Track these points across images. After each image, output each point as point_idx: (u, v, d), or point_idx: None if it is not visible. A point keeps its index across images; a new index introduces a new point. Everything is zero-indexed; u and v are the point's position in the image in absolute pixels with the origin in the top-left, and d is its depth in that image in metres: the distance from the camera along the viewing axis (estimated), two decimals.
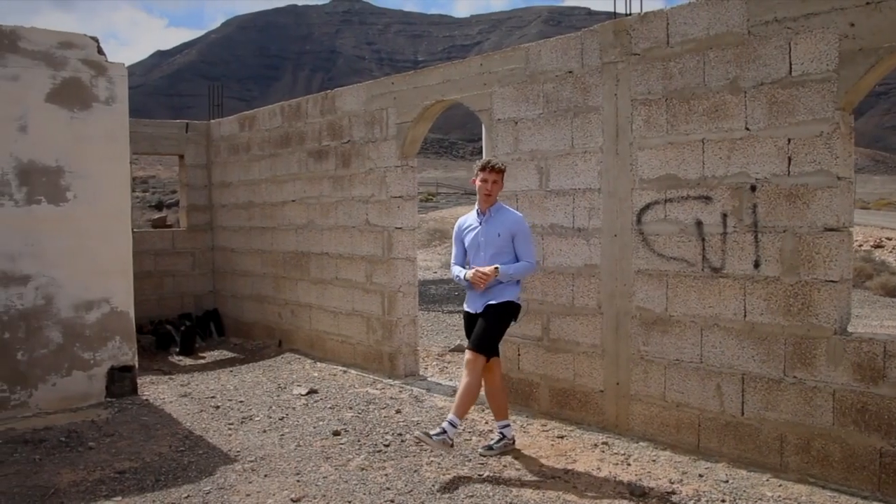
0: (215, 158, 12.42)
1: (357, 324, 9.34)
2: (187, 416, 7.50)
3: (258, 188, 11.25)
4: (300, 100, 10.53)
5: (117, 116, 8.04)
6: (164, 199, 48.43)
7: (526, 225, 6.15)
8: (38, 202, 7.57)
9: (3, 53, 7.44)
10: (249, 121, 11.56)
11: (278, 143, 10.80)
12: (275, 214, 10.87)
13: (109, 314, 7.95)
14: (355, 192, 9.30)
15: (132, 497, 5.43)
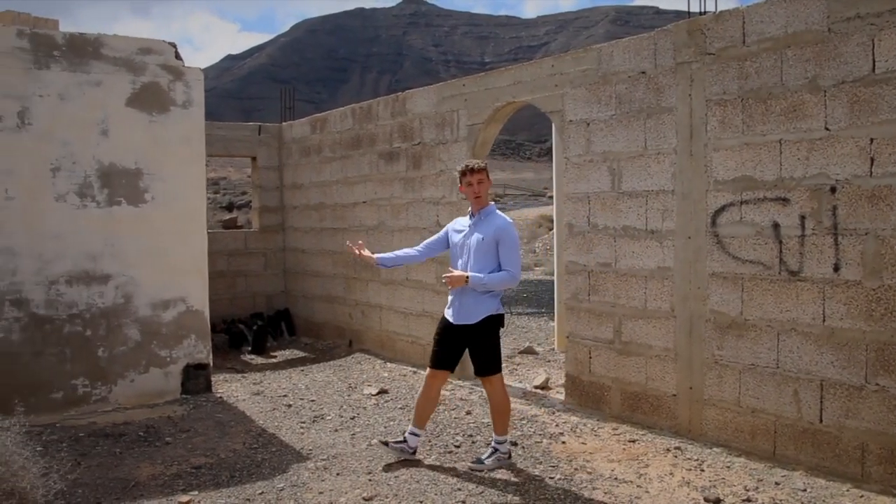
0: (287, 160, 12.60)
1: (427, 325, 9.37)
2: (260, 413, 7.62)
3: (329, 189, 11.38)
4: (371, 102, 10.62)
5: (193, 119, 8.21)
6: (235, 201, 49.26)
7: (513, 232, 5.84)
8: (118, 203, 7.77)
9: (87, 60, 7.67)
10: (321, 123, 11.71)
11: (349, 144, 10.91)
12: (346, 216, 10.98)
13: (185, 313, 8.13)
14: (426, 193, 9.35)
15: (208, 492, 5.54)
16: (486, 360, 5.89)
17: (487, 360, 5.90)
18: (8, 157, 7.29)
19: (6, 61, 7.32)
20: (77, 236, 7.53)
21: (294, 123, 12.58)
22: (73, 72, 7.60)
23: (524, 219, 35.35)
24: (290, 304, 12.61)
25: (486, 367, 5.89)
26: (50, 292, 7.47)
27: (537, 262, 24.99)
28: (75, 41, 7.65)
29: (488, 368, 5.89)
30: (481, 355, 5.90)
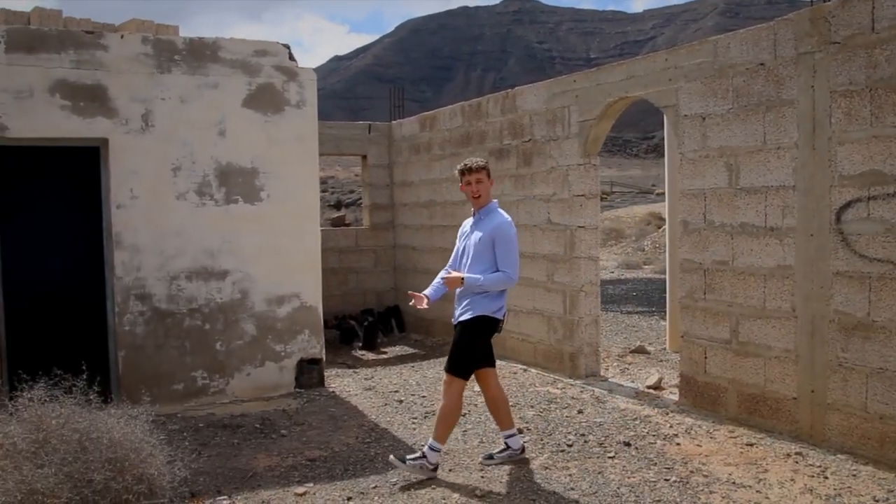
0: (397, 158, 12.71)
1: (537, 322, 9.31)
2: (372, 408, 7.70)
3: (439, 187, 11.42)
4: (480, 99, 10.61)
5: (307, 119, 8.35)
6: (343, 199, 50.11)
7: (508, 230, 5.67)
8: (235, 202, 7.98)
9: (206, 63, 7.89)
10: (430, 121, 11.76)
11: (459, 142, 10.92)
12: (456, 213, 10.99)
13: (299, 308, 8.28)
14: (536, 190, 9.28)
15: (322, 484, 5.63)
16: (456, 356, 5.70)
17: (456, 356, 5.70)
18: (133, 158, 7.58)
19: (132, 66, 7.60)
20: (196, 233, 7.77)
21: (404, 122, 12.68)
22: (192, 75, 7.84)
23: (632, 216, 34.78)
24: (400, 301, 12.71)
25: (451, 361, 5.70)
26: (171, 287, 7.73)
27: (646, 261, 24.59)
28: (194, 45, 7.88)
29: (452, 364, 5.69)
30: (455, 349, 5.72)
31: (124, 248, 7.56)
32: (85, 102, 7.45)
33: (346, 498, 5.36)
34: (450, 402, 5.70)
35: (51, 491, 4.32)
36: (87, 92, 7.46)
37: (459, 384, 5.71)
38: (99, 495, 4.49)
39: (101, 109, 7.50)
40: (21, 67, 7.24)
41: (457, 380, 5.69)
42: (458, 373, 5.69)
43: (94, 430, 4.74)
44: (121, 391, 7.52)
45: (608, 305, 15.25)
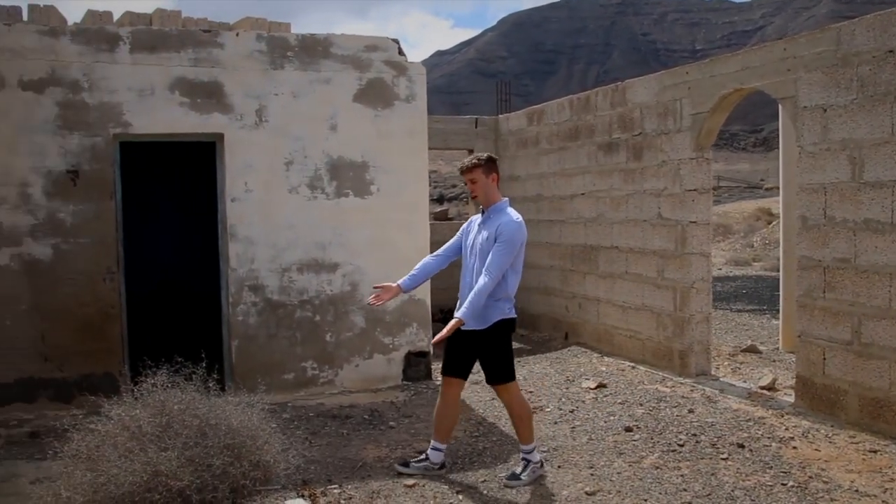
0: (503, 153, 12.67)
1: (646, 319, 9.15)
2: (479, 402, 7.71)
3: (546, 181, 11.34)
4: (589, 93, 10.48)
5: (416, 113, 8.40)
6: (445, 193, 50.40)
7: (511, 230, 5.38)
8: (345, 195, 8.09)
9: (318, 59, 8.03)
10: (538, 115, 11.69)
11: (567, 136, 10.82)
12: (563, 207, 10.91)
13: (408, 301, 8.34)
14: (647, 185, 9.11)
15: (431, 476, 5.66)
16: (499, 368, 5.58)
17: (500, 368, 5.58)
18: (247, 153, 7.78)
19: (246, 63, 7.79)
20: (308, 227, 7.92)
21: (510, 116, 12.65)
22: (304, 71, 7.98)
23: (741, 212, 33.90)
24: None
25: (498, 375, 5.57)
26: (283, 279, 7.90)
27: (755, 257, 23.88)
28: (307, 42, 8.02)
29: (501, 376, 5.57)
30: (493, 363, 5.58)
31: (238, 241, 7.77)
32: (202, 99, 7.69)
33: (456, 491, 5.39)
34: (520, 405, 5.65)
35: (173, 473, 4.47)
36: (204, 89, 7.70)
37: (515, 385, 5.66)
38: (218, 479, 4.61)
39: (217, 105, 7.72)
40: (143, 66, 7.53)
41: (509, 385, 5.61)
42: (507, 378, 5.59)
43: (213, 416, 4.89)
44: (234, 379, 7.73)
45: (717, 303, 14.89)
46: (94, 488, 4.52)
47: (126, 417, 4.88)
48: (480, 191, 5.58)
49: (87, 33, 7.50)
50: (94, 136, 7.44)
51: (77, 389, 7.47)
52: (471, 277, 5.65)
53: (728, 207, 36.56)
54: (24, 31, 7.37)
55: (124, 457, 4.58)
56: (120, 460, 4.55)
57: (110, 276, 7.54)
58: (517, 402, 5.65)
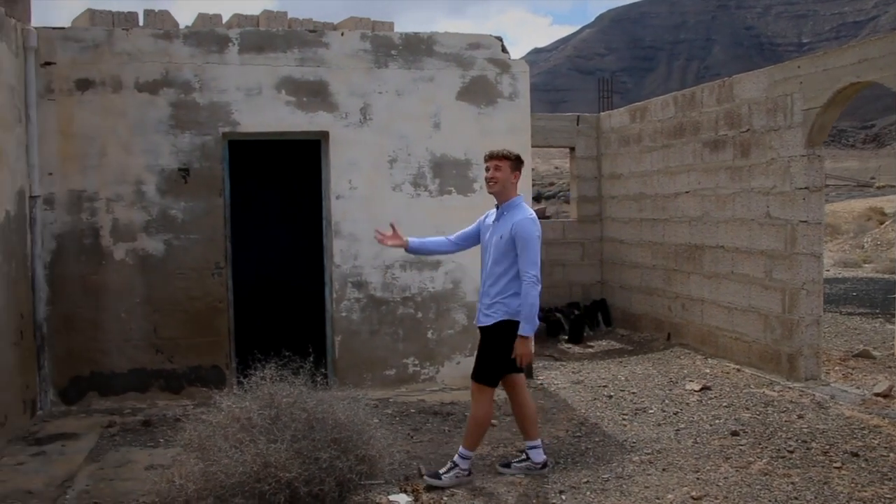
0: (605, 150, 12.52)
1: (753, 321, 8.90)
2: (581, 403, 7.64)
3: (649, 179, 11.16)
4: (694, 89, 10.27)
5: (519, 111, 8.37)
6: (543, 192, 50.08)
7: (530, 227, 5.32)
8: (448, 193, 8.12)
9: (421, 57, 8.07)
10: (641, 112, 11.51)
11: (671, 133, 10.62)
12: (667, 206, 10.71)
13: None
14: (754, 183, 8.86)
15: (534, 476, 5.63)
16: (482, 364, 5.53)
17: (482, 365, 5.52)
18: (352, 151, 7.89)
19: (351, 63, 7.90)
20: (411, 224, 7.90)
21: (613, 113, 12.49)
22: (408, 69, 8.04)
23: (850, 211, 32.68)
24: (607, 295, 12.55)
25: (477, 370, 5.53)
26: (386, 276, 7.98)
27: (866, 259, 22.98)
28: (410, 40, 8.08)
29: (478, 373, 5.51)
30: (481, 357, 5.54)
31: (343, 237, 7.88)
32: (308, 98, 7.83)
33: (559, 491, 5.34)
34: (479, 409, 5.55)
35: (282, 465, 4.54)
36: (310, 87, 7.83)
37: (489, 392, 5.55)
38: (325, 472, 4.67)
39: (322, 104, 7.85)
40: (251, 67, 7.72)
41: (486, 388, 5.53)
42: (482, 380, 5.52)
43: (320, 410, 4.95)
44: (336, 374, 7.84)
45: (826, 306, 14.36)
46: (206, 477, 4.63)
47: (236, 409, 4.99)
48: (500, 182, 5.51)
49: (198, 36, 7.72)
50: (204, 134, 7.66)
51: (186, 380, 7.72)
52: (485, 274, 5.61)
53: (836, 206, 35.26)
54: (140, 36, 7.63)
55: (235, 447, 4.68)
56: (231, 451, 4.65)
57: (218, 272, 7.75)
58: (483, 409, 5.56)
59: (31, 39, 7.29)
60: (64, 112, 7.49)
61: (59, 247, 7.53)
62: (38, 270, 7.41)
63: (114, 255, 7.59)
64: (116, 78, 7.55)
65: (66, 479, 5.68)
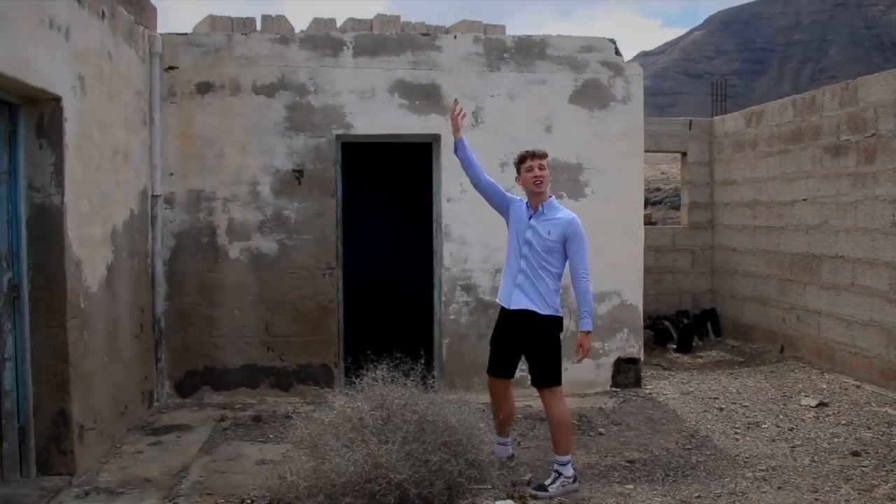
0: (718, 155, 12.20)
1: (875, 336, 8.52)
2: (691, 414, 7.46)
3: (765, 186, 10.81)
4: (814, 92, 9.91)
5: (632, 115, 8.23)
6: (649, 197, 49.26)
7: (581, 228, 5.50)
8: (559, 197, 7.95)
9: (533, 60, 8.03)
10: (756, 116, 11.17)
11: (788, 138, 10.27)
12: (782, 214, 10.35)
13: (619, 306, 8.19)
14: (879, 190, 8.47)
15: (642, 486, 5.55)
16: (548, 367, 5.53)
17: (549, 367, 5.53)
18: None
19: (464, 66, 7.91)
20: None
21: (727, 117, 12.17)
22: (520, 72, 8.01)
23: None
24: (717, 304, 12.22)
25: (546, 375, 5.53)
26: (495, 279, 7.94)
27: None
28: (523, 43, 8.04)
29: (549, 378, 5.52)
30: (544, 361, 5.53)
31: (453, 240, 7.89)
32: (420, 100, 7.87)
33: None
34: (562, 411, 5.55)
35: (393, 466, 4.57)
36: (423, 90, 7.88)
37: (560, 391, 5.58)
38: (434, 475, 4.68)
39: (434, 107, 7.88)
40: (365, 70, 7.81)
41: (557, 388, 5.55)
42: (556, 381, 5.55)
43: (431, 413, 4.96)
44: (443, 377, 7.85)
45: None
46: (317, 474, 4.70)
47: (348, 409, 5.05)
48: (545, 181, 5.67)
49: (313, 40, 7.86)
50: (318, 136, 7.78)
51: (295, 378, 7.86)
52: (517, 264, 5.63)
53: None
54: (258, 40, 7.82)
55: (346, 447, 4.73)
56: (342, 450, 4.71)
57: (329, 272, 7.86)
58: (561, 408, 5.55)
59: (156, 45, 7.56)
60: (185, 114, 7.73)
61: (177, 244, 7.77)
62: (158, 267, 7.66)
63: (229, 253, 7.79)
64: (235, 81, 7.75)
65: (181, 470, 5.86)
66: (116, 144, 6.58)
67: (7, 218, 5.27)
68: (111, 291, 6.39)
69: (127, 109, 6.88)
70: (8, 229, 5.27)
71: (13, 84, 4.88)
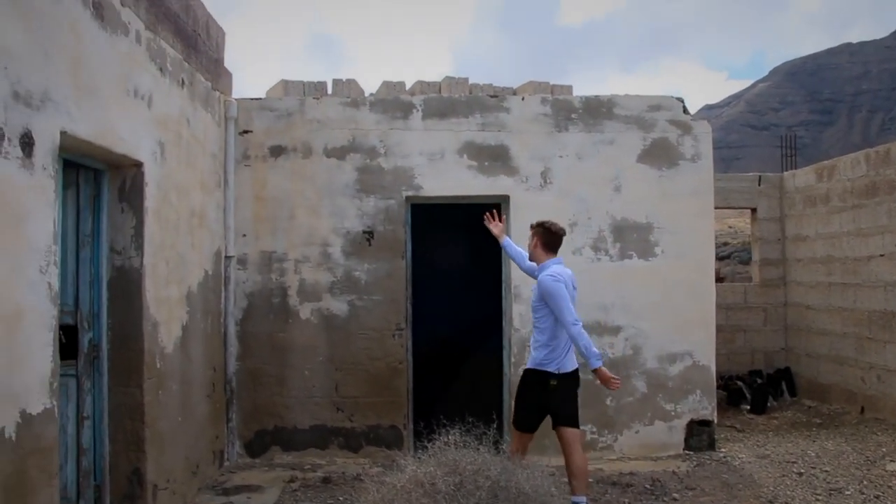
0: (789, 211, 12.01)
1: None
2: (768, 479, 7.24)
3: (838, 242, 10.59)
4: (889, 145, 9.73)
5: (702, 172, 8.17)
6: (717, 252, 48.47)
7: (548, 283, 5.71)
8: (629, 257, 7.98)
9: (601, 120, 8.05)
10: (828, 171, 10.99)
11: (862, 193, 10.07)
12: (858, 270, 10.11)
13: (691, 367, 8.05)
14: None
15: None
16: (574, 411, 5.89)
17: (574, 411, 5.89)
18: (532, 214, 7.75)
19: (532, 127, 7.97)
20: (591, 288, 7.83)
21: (797, 172, 11.99)
22: (588, 132, 8.03)
23: None
24: (792, 363, 11.91)
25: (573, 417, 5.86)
26: None
27: None
28: (590, 103, 8.08)
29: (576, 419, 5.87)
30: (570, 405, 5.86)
31: (522, 302, 7.85)
32: (489, 161, 7.94)
33: None
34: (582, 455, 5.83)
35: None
36: (491, 152, 7.95)
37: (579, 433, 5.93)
38: None
39: (503, 168, 7.94)
40: (434, 132, 7.92)
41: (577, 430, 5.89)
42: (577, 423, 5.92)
43: (504, 478, 4.89)
44: None
45: None
46: None
47: (420, 473, 5.00)
48: (532, 249, 6.09)
49: (383, 103, 8.00)
50: (388, 198, 7.88)
51: (365, 440, 7.86)
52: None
53: None
54: (329, 104, 7.99)
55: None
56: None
57: (399, 332, 7.88)
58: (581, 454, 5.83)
59: (231, 110, 7.78)
60: (258, 177, 7.90)
61: (249, 305, 7.89)
62: (230, 327, 7.78)
63: (300, 314, 7.87)
64: (307, 144, 7.91)
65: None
66: (193, 207, 6.75)
67: (89, 279, 5.43)
68: (185, 351, 6.51)
69: (203, 172, 7.07)
70: (90, 291, 5.43)
71: (99, 151, 5.06)
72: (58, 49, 4.37)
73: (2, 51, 3.81)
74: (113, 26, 5.10)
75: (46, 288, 4.22)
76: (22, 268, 4.00)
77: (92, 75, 4.78)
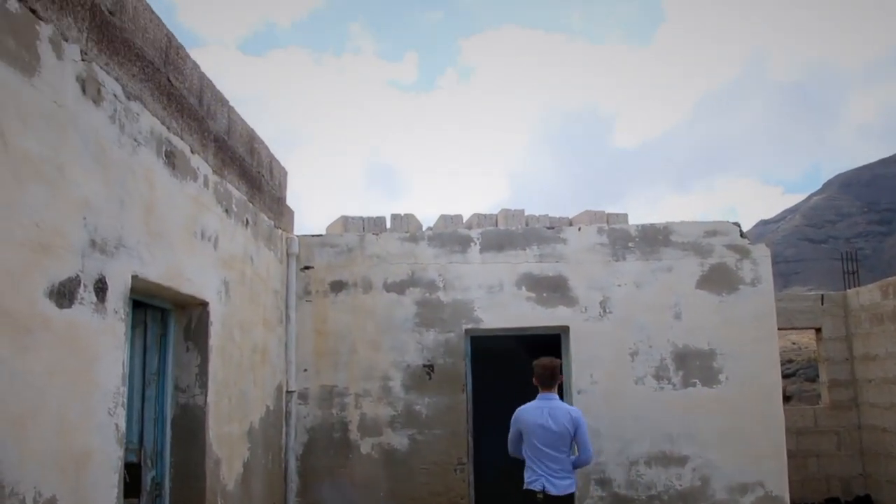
0: (856, 329, 11.74)
1: None
2: None
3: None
4: None
5: (763, 296, 8.07)
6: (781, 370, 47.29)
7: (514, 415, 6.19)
8: (693, 385, 7.84)
9: (658, 248, 8.07)
10: (893, 287, 10.77)
11: None
12: None
13: (763, 498, 7.76)
14: None
15: None
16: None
17: None
18: (592, 344, 7.86)
19: (589, 256, 8.01)
20: (655, 418, 7.72)
21: (860, 290, 11.78)
22: (645, 260, 8.03)
23: None
24: (871, 490, 11.40)
25: None
26: (630, 472, 7.70)
27: None
28: (647, 231, 8.11)
29: None
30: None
31: None
32: (547, 293, 7.96)
33: None
34: None
35: None
36: (549, 283, 7.98)
37: None
38: None
39: (561, 299, 7.95)
40: (492, 265, 8.00)
41: None
42: None
43: None
44: None
45: None
46: None
47: None
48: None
49: (441, 237, 8.13)
50: (447, 331, 7.91)
51: None
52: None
53: None
54: (388, 239, 8.15)
55: None
56: None
57: (461, 467, 7.78)
58: None
59: (293, 247, 7.98)
60: (319, 312, 8.01)
61: (310, 440, 7.87)
62: (291, 462, 7.75)
63: (360, 448, 7.83)
64: (367, 279, 8.04)
65: None
66: (255, 343, 6.84)
67: (154, 417, 5.48)
68: (246, 488, 6.48)
69: (265, 309, 7.19)
70: (154, 428, 5.47)
71: (168, 292, 5.20)
72: (132, 197, 4.53)
73: (82, 202, 3.96)
74: (183, 173, 5.31)
75: (114, 429, 4.27)
76: (92, 410, 4.06)
77: (162, 220, 4.95)
